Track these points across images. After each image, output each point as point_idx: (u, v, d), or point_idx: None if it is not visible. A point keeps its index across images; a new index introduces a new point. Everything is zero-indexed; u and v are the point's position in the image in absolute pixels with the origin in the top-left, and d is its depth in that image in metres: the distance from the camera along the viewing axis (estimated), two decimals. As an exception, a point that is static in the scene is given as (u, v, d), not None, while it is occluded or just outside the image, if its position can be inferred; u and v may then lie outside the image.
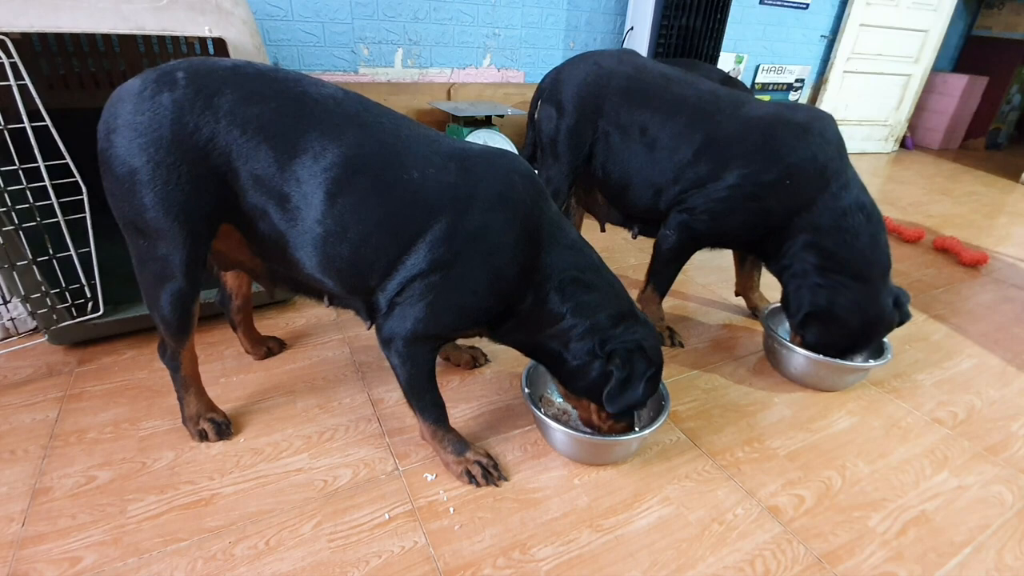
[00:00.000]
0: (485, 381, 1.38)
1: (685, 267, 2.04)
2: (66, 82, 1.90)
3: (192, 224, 0.91)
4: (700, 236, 1.42)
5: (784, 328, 1.54)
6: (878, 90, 4.29)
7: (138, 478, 1.04)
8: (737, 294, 1.83)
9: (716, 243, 1.47)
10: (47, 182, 1.19)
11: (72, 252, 1.27)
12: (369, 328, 1.03)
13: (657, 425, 1.10)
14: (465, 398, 1.31)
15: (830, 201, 1.30)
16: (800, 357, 1.38)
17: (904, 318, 1.36)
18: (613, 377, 1.01)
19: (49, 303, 1.28)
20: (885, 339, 1.40)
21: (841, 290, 1.31)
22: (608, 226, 1.79)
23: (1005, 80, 4.62)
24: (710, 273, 2.06)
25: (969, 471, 1.19)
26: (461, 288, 0.95)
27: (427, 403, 1.06)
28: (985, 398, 1.44)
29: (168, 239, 0.91)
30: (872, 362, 1.38)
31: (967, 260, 2.31)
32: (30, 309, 1.28)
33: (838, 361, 1.34)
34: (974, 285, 2.14)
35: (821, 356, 1.34)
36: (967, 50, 4.88)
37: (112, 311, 1.39)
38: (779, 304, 1.51)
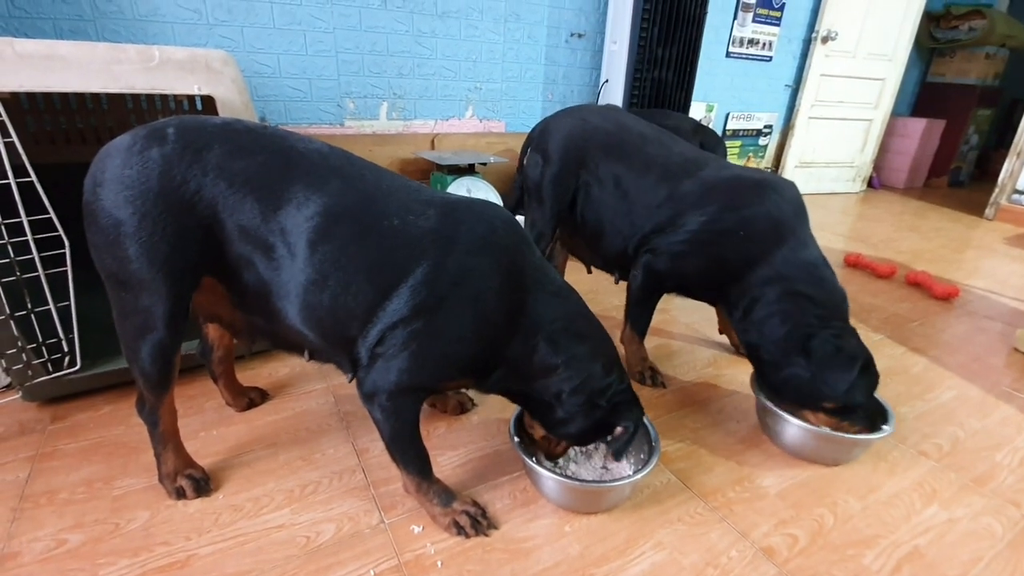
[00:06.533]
0: (472, 427, 1.36)
1: (668, 307, 2.09)
2: (52, 138, 1.92)
3: (176, 275, 0.91)
4: (662, 276, 1.47)
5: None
6: (842, 134, 4.50)
7: (111, 540, 0.99)
8: (721, 332, 1.85)
9: (679, 286, 1.52)
10: (29, 236, 1.19)
11: (52, 306, 1.25)
12: (351, 381, 1.02)
13: (650, 468, 1.09)
14: (452, 445, 1.29)
15: (786, 257, 1.32)
16: (803, 431, 1.26)
17: None
18: (624, 430, 1.05)
19: (25, 359, 1.25)
20: (887, 407, 1.29)
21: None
22: (594, 268, 1.83)
23: (962, 122, 4.89)
24: (693, 312, 2.09)
25: (958, 503, 1.19)
26: (446, 335, 0.94)
27: (411, 457, 1.03)
28: (968, 429, 1.46)
29: (151, 290, 0.91)
30: (876, 435, 1.24)
31: (939, 294, 2.37)
32: (4, 365, 1.25)
33: (844, 436, 1.23)
34: (948, 318, 2.20)
35: (827, 430, 1.24)
36: (924, 95, 5.17)
37: (89, 365, 1.36)
38: None
